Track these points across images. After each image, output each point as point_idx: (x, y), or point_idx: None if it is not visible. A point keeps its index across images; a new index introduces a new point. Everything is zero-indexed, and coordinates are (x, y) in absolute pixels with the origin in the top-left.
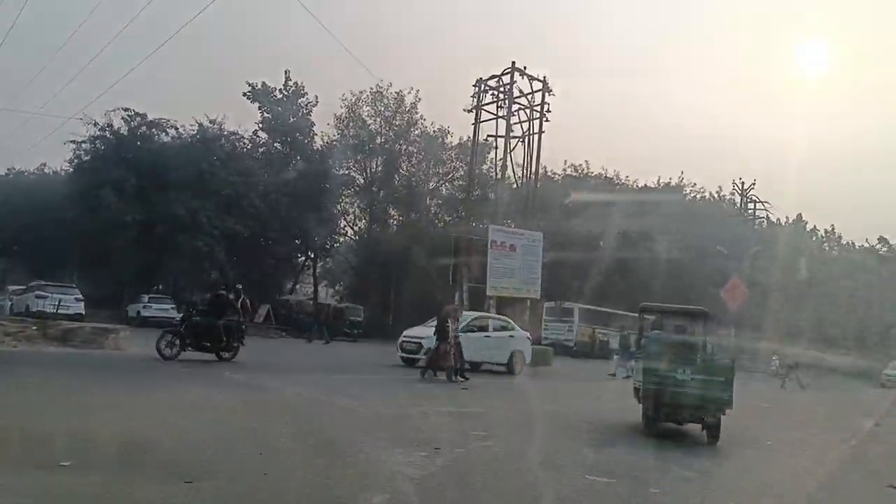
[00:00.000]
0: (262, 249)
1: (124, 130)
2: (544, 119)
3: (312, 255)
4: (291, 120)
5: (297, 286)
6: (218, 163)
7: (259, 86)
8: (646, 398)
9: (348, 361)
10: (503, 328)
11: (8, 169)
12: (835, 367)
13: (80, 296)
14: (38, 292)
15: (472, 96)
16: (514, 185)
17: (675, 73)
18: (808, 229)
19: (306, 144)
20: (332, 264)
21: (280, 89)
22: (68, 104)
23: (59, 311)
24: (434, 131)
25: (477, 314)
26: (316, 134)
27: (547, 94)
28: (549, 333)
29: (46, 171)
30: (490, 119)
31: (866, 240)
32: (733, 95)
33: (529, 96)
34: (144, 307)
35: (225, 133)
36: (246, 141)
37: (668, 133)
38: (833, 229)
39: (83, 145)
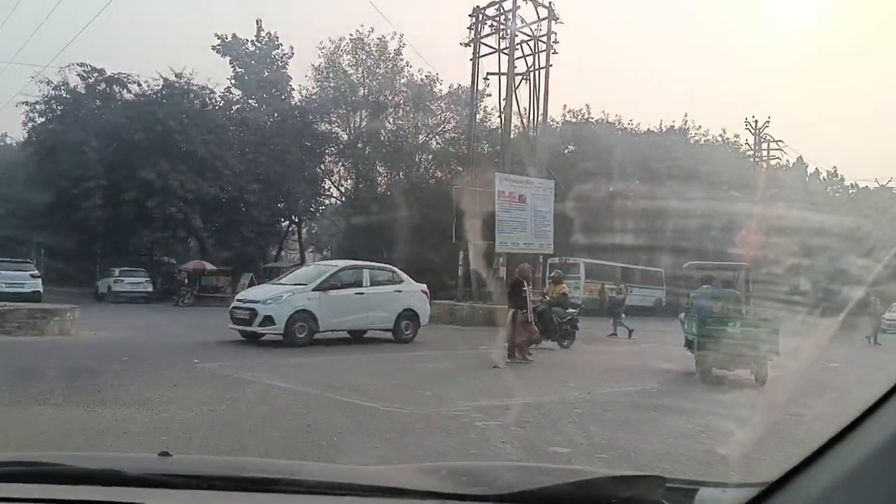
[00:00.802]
0: (242, 214)
1: (81, 88)
2: (552, 51)
3: (297, 220)
4: (266, 74)
5: (283, 253)
6: (187, 121)
7: (229, 38)
8: (700, 349)
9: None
10: (387, 281)
11: None
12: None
13: (37, 272)
14: None
15: (469, 28)
16: (519, 130)
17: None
18: (809, 172)
19: (283, 100)
20: (317, 229)
21: (252, 41)
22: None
23: (8, 291)
24: (422, 80)
25: (346, 263)
26: (293, 89)
27: (554, 22)
28: None
29: (9, 141)
30: (490, 53)
31: (876, 179)
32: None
33: (534, 26)
34: (115, 281)
35: (193, 88)
36: (217, 98)
37: (671, 74)
38: (835, 171)
39: (37, 107)
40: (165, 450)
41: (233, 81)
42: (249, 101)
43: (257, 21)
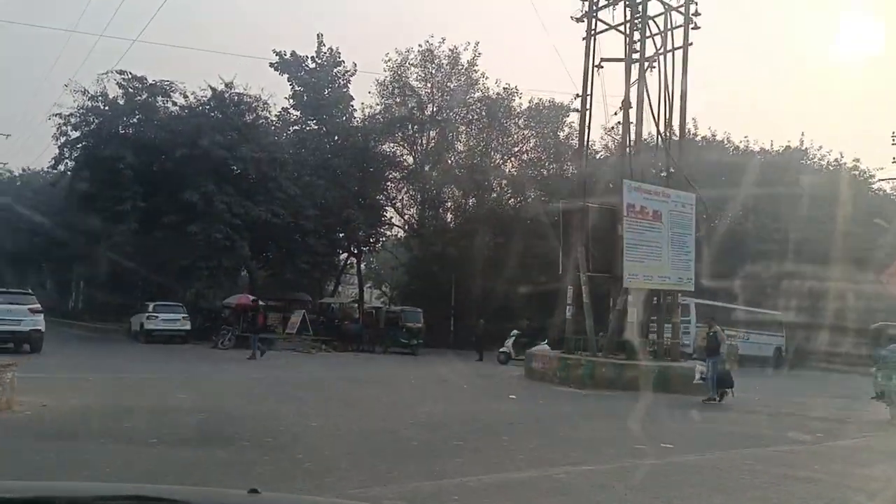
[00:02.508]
0: (297, 243)
1: (120, 99)
2: (691, 26)
3: (357, 250)
4: (326, 93)
5: (340, 288)
6: (237, 136)
7: (288, 55)
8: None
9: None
10: None
11: (24, 169)
12: None
13: (38, 306)
14: None
15: None
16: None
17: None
18: None
19: (344, 121)
20: (375, 262)
21: (312, 57)
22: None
23: (1, 329)
24: (498, 94)
25: None
26: (356, 109)
27: None
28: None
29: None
30: (606, 30)
31: None
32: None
33: None
34: (149, 318)
35: (246, 99)
36: (273, 117)
37: (787, 87)
38: None
39: (71, 119)
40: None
41: (291, 101)
42: (309, 123)
43: (318, 35)
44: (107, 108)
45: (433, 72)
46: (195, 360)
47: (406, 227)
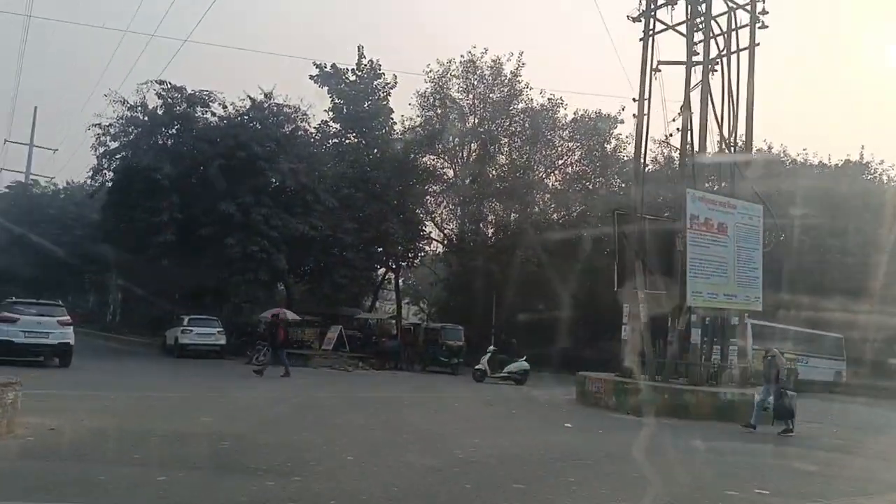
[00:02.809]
0: (335, 256)
1: (160, 109)
2: (758, 25)
3: (395, 264)
4: (366, 105)
5: (377, 304)
6: (275, 147)
7: (328, 67)
8: None
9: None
10: None
11: (67, 182)
12: None
13: (67, 318)
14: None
15: None
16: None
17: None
18: None
19: (384, 133)
20: (412, 278)
21: (353, 69)
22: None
23: (28, 342)
24: (542, 105)
25: None
26: (395, 122)
27: None
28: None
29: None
30: (664, 30)
31: None
32: None
33: None
34: (183, 332)
35: (285, 110)
36: (312, 129)
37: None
38: None
39: (111, 129)
40: None
41: (330, 113)
42: (348, 136)
43: (359, 48)
44: (146, 118)
45: (475, 83)
46: (227, 377)
47: (445, 241)
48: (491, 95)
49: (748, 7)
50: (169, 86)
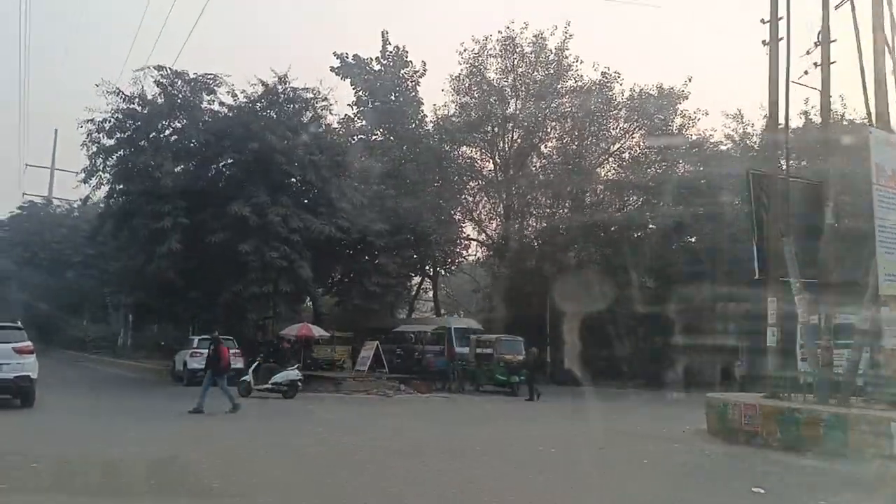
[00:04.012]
0: (366, 262)
1: (159, 98)
2: None
3: (433, 270)
4: (393, 98)
5: (413, 314)
6: (293, 137)
7: (350, 58)
8: None
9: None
10: None
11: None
12: None
13: (28, 345)
14: None
15: None
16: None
17: None
18: None
19: (414, 128)
20: (447, 287)
21: (377, 58)
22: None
23: None
24: (594, 82)
25: None
26: (425, 115)
27: None
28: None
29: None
30: None
31: None
32: None
33: None
34: (192, 356)
35: (303, 95)
36: (333, 117)
37: None
38: None
39: (105, 125)
40: None
41: (354, 108)
42: (375, 132)
43: (383, 33)
44: (144, 110)
45: (515, 62)
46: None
47: (488, 242)
48: (534, 75)
49: None
50: (169, 71)
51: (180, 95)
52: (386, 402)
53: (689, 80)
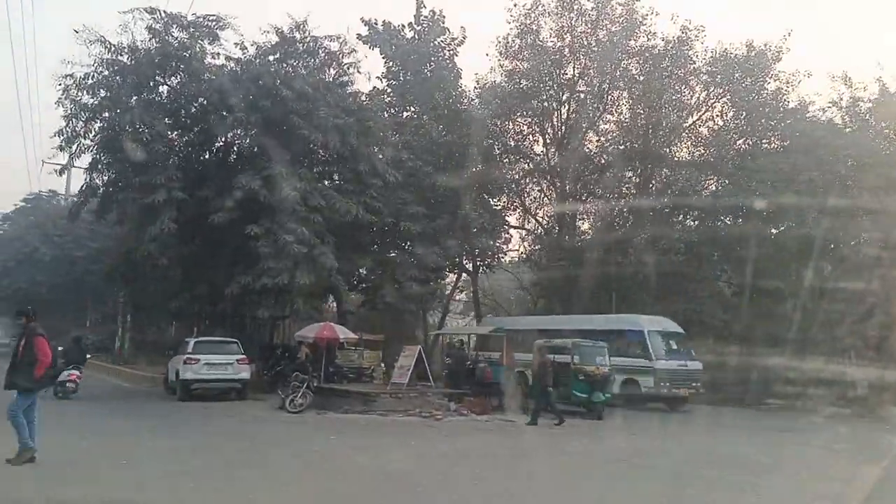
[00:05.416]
0: (400, 251)
1: (152, 48)
2: None
3: (475, 263)
4: (428, 70)
5: (447, 317)
6: (314, 95)
7: (379, 25)
8: None
9: None
10: None
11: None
12: None
13: None
14: None
15: None
16: None
17: None
18: None
19: (451, 103)
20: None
21: (410, 24)
22: None
23: None
24: (670, 40)
25: None
26: (464, 90)
27: None
28: None
29: None
30: None
31: None
32: None
33: None
34: (187, 362)
35: (325, 46)
36: (363, 96)
37: None
38: None
39: (87, 80)
40: None
41: (384, 81)
42: (409, 108)
43: None
44: (132, 61)
45: (573, 21)
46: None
47: (537, 231)
48: (598, 35)
49: None
50: (163, 14)
51: (176, 42)
52: (435, 429)
53: (789, 35)
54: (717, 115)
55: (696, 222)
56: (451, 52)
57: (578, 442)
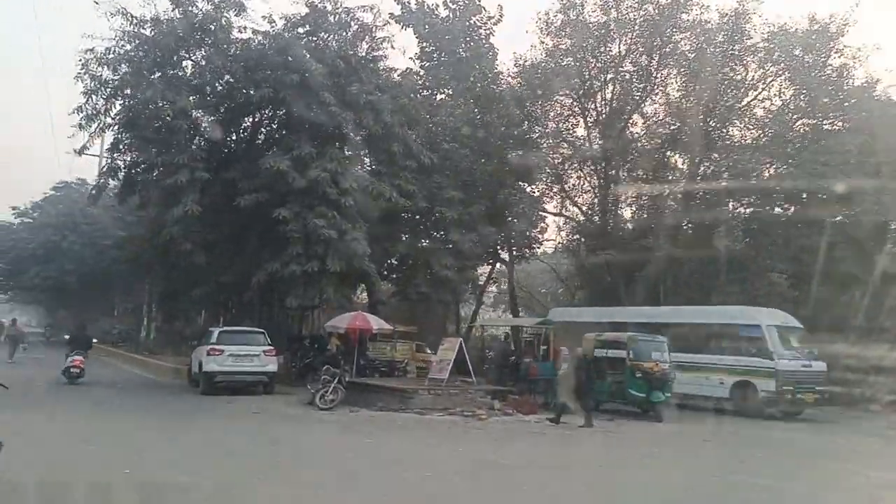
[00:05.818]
0: (436, 237)
1: (175, 18)
2: None
3: (512, 252)
4: (462, 50)
5: (480, 308)
6: (345, 69)
7: (412, 3)
8: None
9: None
10: None
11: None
12: None
13: None
14: None
15: None
16: None
17: None
18: None
19: (486, 84)
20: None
21: (444, 2)
22: None
23: None
24: (727, 12)
25: None
26: (501, 72)
27: None
28: None
29: None
30: None
31: None
32: None
33: None
34: (210, 353)
35: (358, 18)
36: (396, 76)
37: None
38: None
39: (108, 55)
40: None
41: (418, 62)
42: (444, 90)
43: None
44: (155, 34)
45: None
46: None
47: (578, 218)
48: (646, 8)
49: None
50: None
51: (201, 13)
52: (482, 431)
53: (857, 4)
54: (775, 95)
55: (750, 210)
56: (488, 31)
57: (651, 450)
